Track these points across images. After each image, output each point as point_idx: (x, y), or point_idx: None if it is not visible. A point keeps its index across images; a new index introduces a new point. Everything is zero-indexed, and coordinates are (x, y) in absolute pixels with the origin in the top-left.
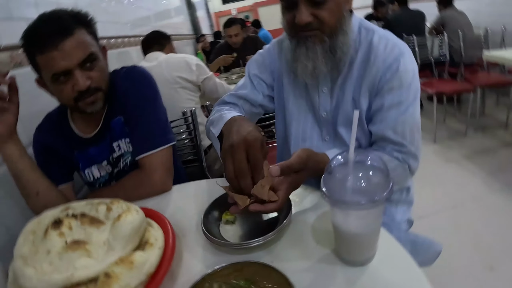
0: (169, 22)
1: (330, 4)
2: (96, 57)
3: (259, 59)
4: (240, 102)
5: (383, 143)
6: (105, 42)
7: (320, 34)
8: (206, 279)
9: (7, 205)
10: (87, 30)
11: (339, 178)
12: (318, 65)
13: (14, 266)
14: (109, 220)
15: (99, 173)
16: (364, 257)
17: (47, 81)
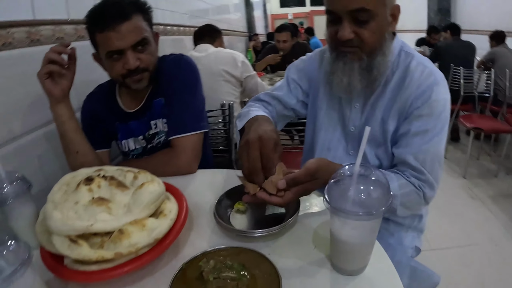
0: (225, 17)
1: (372, 25)
2: (147, 42)
3: (300, 65)
4: (273, 102)
5: (403, 167)
6: (162, 28)
7: (359, 51)
8: (205, 254)
9: (50, 158)
10: (143, 16)
11: (342, 188)
12: (353, 81)
13: (45, 208)
14: (133, 187)
15: (134, 145)
16: (354, 267)
17: (102, 57)
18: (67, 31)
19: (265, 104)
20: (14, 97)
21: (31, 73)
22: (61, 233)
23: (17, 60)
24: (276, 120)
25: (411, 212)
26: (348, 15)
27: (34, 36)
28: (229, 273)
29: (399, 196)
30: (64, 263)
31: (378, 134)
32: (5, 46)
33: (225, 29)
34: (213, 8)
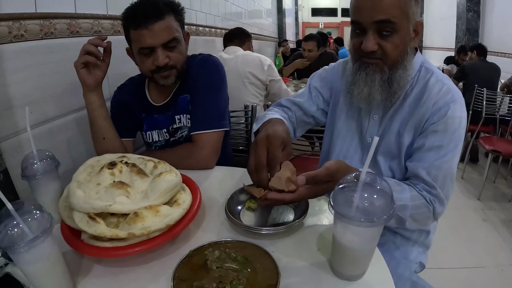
0: (257, 21)
1: (395, 38)
2: (178, 41)
3: (322, 74)
4: (294, 108)
5: (416, 180)
6: (194, 28)
7: (381, 64)
8: (211, 245)
9: (78, 142)
10: (176, 17)
11: (347, 194)
12: (373, 92)
13: (69, 186)
14: (152, 175)
15: (158, 137)
16: (352, 273)
17: (135, 52)
18: (105, 25)
19: (285, 109)
20: (51, 82)
21: (68, 62)
22: (81, 210)
23: (57, 49)
24: (295, 125)
25: (419, 226)
26: (373, 26)
27: (74, 28)
28: (232, 264)
29: (410, 207)
30: (81, 238)
31: (393, 147)
32: (47, 35)
33: (256, 33)
34: (246, 12)
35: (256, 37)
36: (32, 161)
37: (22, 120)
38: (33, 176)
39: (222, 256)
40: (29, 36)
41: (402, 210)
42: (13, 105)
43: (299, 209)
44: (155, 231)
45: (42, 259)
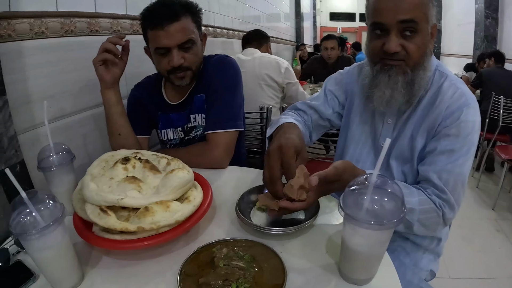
0: (275, 25)
1: (417, 39)
2: (193, 43)
3: (338, 77)
4: (310, 112)
5: (426, 184)
6: (212, 30)
7: (404, 65)
8: (220, 242)
9: (94, 138)
10: (192, 18)
11: (357, 196)
12: (396, 94)
13: (83, 179)
14: (164, 172)
15: (173, 136)
16: (360, 276)
17: (151, 52)
18: (124, 25)
19: (301, 113)
20: (69, 79)
21: (87, 60)
22: (93, 202)
23: (76, 46)
24: (311, 129)
25: (428, 232)
26: (396, 27)
27: (93, 27)
28: (239, 262)
29: (418, 211)
30: (92, 230)
31: (406, 151)
32: (67, 33)
33: (274, 36)
34: (264, 15)
35: (274, 40)
36: (49, 154)
37: (40, 114)
38: (49, 168)
39: (229, 254)
40: (50, 33)
41: (409, 214)
42: (32, 99)
43: (310, 211)
44: (164, 226)
45: (53, 247)
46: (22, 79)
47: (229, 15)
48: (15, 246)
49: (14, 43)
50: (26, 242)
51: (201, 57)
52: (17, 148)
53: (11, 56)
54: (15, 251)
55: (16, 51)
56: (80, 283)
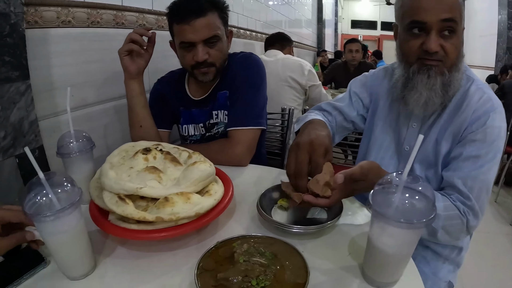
0: (297, 30)
1: (455, 39)
2: (218, 39)
3: (362, 80)
4: (334, 113)
5: (451, 190)
6: (235, 31)
7: (442, 65)
8: (240, 238)
9: (114, 129)
10: (219, 14)
11: (387, 194)
12: (433, 96)
13: (102, 167)
14: (186, 165)
15: (194, 131)
16: (384, 279)
17: (176, 46)
18: (149, 19)
19: (325, 113)
20: (93, 69)
21: (112, 52)
22: (112, 190)
23: (101, 37)
24: (335, 130)
25: (451, 239)
26: (437, 26)
27: (119, 20)
28: (260, 259)
29: (443, 217)
30: (108, 218)
31: (431, 155)
32: (93, 24)
33: (296, 41)
34: (287, 20)
35: (296, 45)
36: (69, 140)
37: (62, 102)
38: (68, 154)
39: (250, 250)
40: (76, 23)
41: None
42: (55, 87)
43: (333, 211)
44: (183, 218)
45: (66, 231)
46: (46, 66)
47: (252, 16)
48: None
49: (40, 30)
50: (40, 224)
51: (226, 53)
52: (37, 133)
53: (37, 42)
54: None
55: (42, 38)
56: (92, 272)
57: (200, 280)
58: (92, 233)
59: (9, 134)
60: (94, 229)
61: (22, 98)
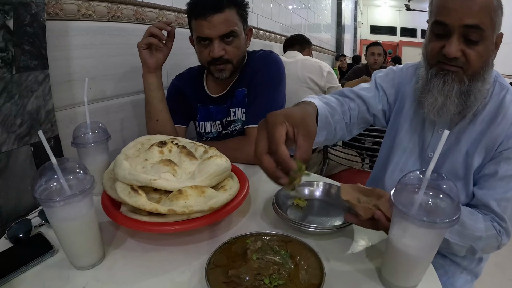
0: (316, 34)
1: (480, 47)
2: (236, 35)
3: (390, 74)
4: (358, 101)
5: (485, 210)
6: (255, 31)
7: (461, 73)
8: (254, 235)
9: (131, 124)
10: (237, 11)
11: (410, 192)
12: (448, 103)
13: (117, 158)
14: (201, 159)
15: (210, 129)
16: (403, 284)
17: (194, 41)
18: (169, 16)
19: (346, 100)
20: (112, 63)
21: (131, 47)
22: (125, 181)
23: (121, 32)
24: (355, 121)
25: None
26: (459, 30)
27: (139, 15)
28: (274, 257)
29: (484, 238)
30: (120, 210)
31: (460, 168)
32: (113, 18)
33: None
34: (306, 23)
35: (315, 48)
36: (84, 130)
37: (80, 94)
38: (83, 144)
39: (264, 247)
40: (96, 16)
41: (477, 242)
42: (74, 78)
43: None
44: (196, 212)
45: (76, 219)
46: (65, 58)
47: (272, 18)
48: (38, 219)
49: (61, 22)
50: (50, 209)
51: (243, 51)
52: (53, 122)
53: (57, 34)
54: (38, 224)
55: (62, 30)
56: (100, 263)
57: (211, 276)
58: (103, 225)
59: (25, 122)
60: (105, 221)
61: (40, 87)
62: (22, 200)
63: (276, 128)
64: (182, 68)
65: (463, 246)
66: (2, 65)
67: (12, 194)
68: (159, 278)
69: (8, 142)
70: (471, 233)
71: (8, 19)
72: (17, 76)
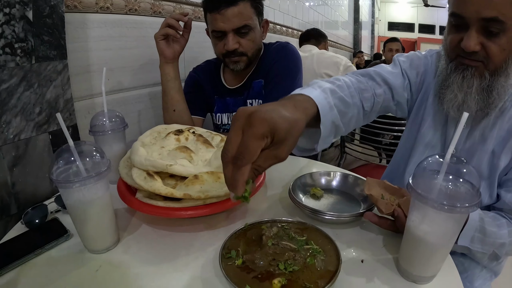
0: (334, 31)
1: (502, 40)
2: (250, 28)
3: (415, 60)
4: (384, 87)
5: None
6: (272, 26)
7: (482, 67)
8: (270, 222)
9: (148, 115)
10: (252, 4)
11: (429, 176)
12: (469, 100)
13: (133, 145)
14: (218, 147)
15: (227, 120)
16: (421, 273)
17: (210, 33)
18: (186, 10)
19: (373, 84)
20: (130, 55)
21: (149, 39)
22: (141, 167)
23: (139, 25)
24: (377, 109)
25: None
26: (477, 23)
27: (156, 8)
28: (290, 243)
29: (508, 244)
30: (135, 196)
31: (485, 167)
32: (131, 11)
33: (332, 40)
34: (324, 20)
35: (332, 44)
36: (102, 118)
37: (98, 85)
38: (101, 132)
39: (280, 233)
40: (114, 9)
41: (500, 248)
42: (92, 69)
43: (367, 202)
44: (212, 198)
45: (92, 202)
46: (84, 49)
47: (289, 13)
48: (54, 204)
49: (79, 14)
50: (65, 191)
51: (258, 43)
52: (71, 111)
53: (76, 25)
54: (54, 210)
55: (81, 22)
56: (114, 247)
57: (224, 261)
58: (118, 211)
59: (44, 111)
60: (121, 207)
61: (59, 76)
62: (40, 187)
63: (255, 142)
64: (199, 61)
65: (485, 253)
66: (22, 54)
67: (30, 180)
68: (172, 263)
69: (27, 130)
70: (493, 240)
71: (28, 10)
72: (36, 66)
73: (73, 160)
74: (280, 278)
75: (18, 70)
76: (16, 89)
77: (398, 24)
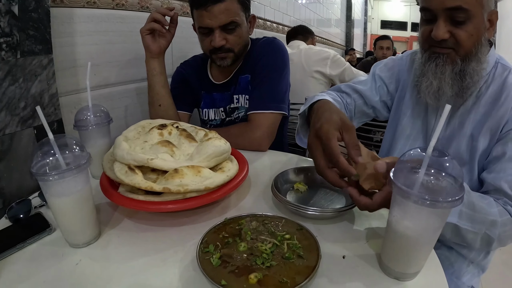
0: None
1: (469, 26)
2: (237, 25)
3: (389, 63)
4: (354, 96)
5: (497, 194)
6: (262, 22)
7: (453, 54)
8: (250, 216)
9: (134, 110)
10: (238, 0)
11: (410, 170)
12: (443, 85)
13: (116, 139)
14: (201, 142)
15: (214, 116)
16: (403, 269)
17: (196, 29)
18: (173, 5)
19: (344, 95)
20: (116, 50)
21: (136, 34)
22: (123, 161)
23: (126, 20)
24: (353, 114)
25: (499, 246)
26: (444, 14)
27: (144, 3)
28: (268, 238)
29: (499, 224)
30: (118, 191)
31: (465, 152)
32: (118, 6)
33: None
34: (316, 18)
35: (324, 41)
36: (86, 113)
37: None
38: (85, 127)
39: (259, 228)
40: (101, 4)
41: (492, 228)
42: (78, 64)
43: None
44: (192, 192)
45: (71, 195)
46: (70, 44)
47: (280, 10)
48: (38, 199)
49: (65, 9)
50: (45, 184)
51: (245, 39)
52: (56, 106)
53: (62, 20)
54: (38, 204)
55: (67, 16)
56: (95, 241)
57: (202, 255)
58: (101, 206)
59: (29, 105)
60: (103, 202)
61: (44, 71)
62: (25, 182)
63: (331, 142)
64: (188, 57)
65: (477, 233)
66: (7, 49)
67: (14, 175)
68: (151, 257)
69: (12, 125)
70: (483, 216)
71: (13, 5)
72: (21, 60)
73: (53, 153)
74: (257, 273)
75: (3, 64)
76: (0, 83)
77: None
